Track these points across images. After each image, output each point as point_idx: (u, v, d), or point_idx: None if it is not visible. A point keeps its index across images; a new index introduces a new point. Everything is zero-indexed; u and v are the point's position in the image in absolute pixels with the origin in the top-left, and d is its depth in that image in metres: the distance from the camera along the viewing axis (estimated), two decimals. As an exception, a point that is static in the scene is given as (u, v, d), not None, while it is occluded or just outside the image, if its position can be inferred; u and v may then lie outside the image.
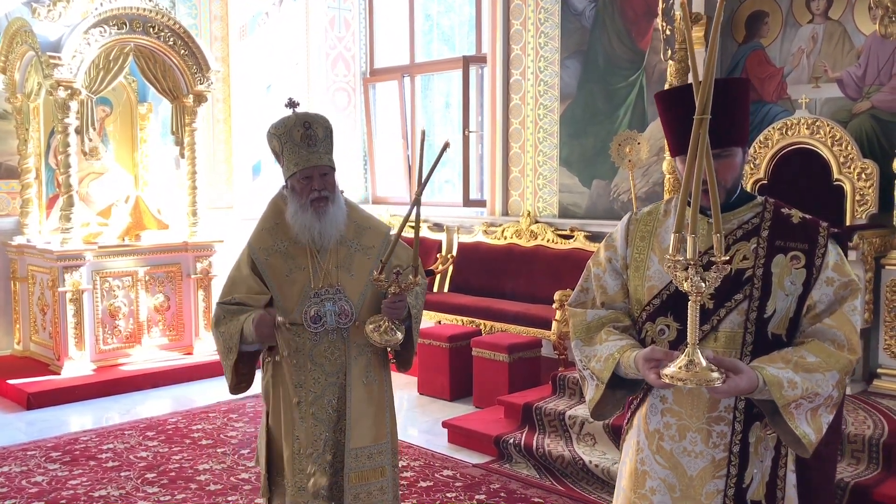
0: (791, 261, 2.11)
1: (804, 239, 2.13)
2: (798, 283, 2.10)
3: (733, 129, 2.11)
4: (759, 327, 2.08)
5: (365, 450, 2.90)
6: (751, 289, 2.10)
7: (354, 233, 2.92)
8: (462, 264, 7.90)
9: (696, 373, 1.81)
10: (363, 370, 2.91)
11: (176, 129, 7.61)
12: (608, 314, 2.28)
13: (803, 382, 1.97)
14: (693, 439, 2.13)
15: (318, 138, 2.80)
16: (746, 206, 2.19)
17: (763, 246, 2.13)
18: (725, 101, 2.06)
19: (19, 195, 7.35)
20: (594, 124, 7.14)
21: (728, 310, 2.09)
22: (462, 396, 6.50)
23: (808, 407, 1.99)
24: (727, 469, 2.10)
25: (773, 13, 5.92)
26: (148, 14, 7.03)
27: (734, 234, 2.15)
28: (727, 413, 2.10)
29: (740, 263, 2.12)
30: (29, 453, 5.27)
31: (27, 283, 7.26)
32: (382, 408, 2.97)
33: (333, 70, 9.45)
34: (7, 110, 7.36)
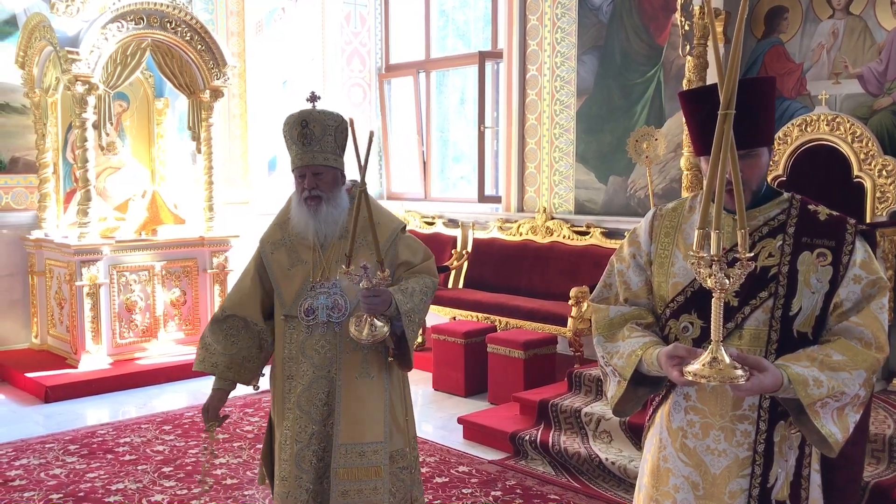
0: (817, 258, 2.08)
1: (831, 236, 2.10)
2: (825, 280, 2.07)
3: (759, 129, 2.09)
4: (784, 325, 2.05)
5: (356, 447, 2.82)
6: (776, 286, 2.07)
7: (363, 228, 2.82)
8: (477, 260, 7.89)
9: (720, 370, 1.80)
10: (357, 366, 2.85)
11: (192, 125, 7.63)
12: (631, 311, 2.26)
13: (829, 381, 1.94)
14: (717, 437, 2.12)
15: (313, 137, 2.79)
16: (772, 203, 2.16)
17: (789, 243, 2.10)
18: (751, 100, 2.03)
19: (37, 189, 7.40)
20: (611, 120, 7.10)
21: (753, 307, 2.07)
22: (477, 393, 6.50)
23: (835, 406, 1.96)
24: (751, 468, 2.08)
25: (792, 8, 5.87)
26: (165, 9, 7.05)
27: (760, 230, 2.13)
28: (751, 412, 2.08)
29: (766, 261, 2.10)
30: (47, 446, 5.30)
31: (45, 277, 7.31)
32: (380, 406, 2.87)
33: (349, 66, 9.45)
34: (25, 105, 7.40)
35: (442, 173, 9.58)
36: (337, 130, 2.82)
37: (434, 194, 9.31)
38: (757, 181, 2.12)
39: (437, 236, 8.40)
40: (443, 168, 9.60)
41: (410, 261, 2.92)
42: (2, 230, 7.42)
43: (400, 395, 2.98)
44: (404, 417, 2.98)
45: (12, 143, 7.43)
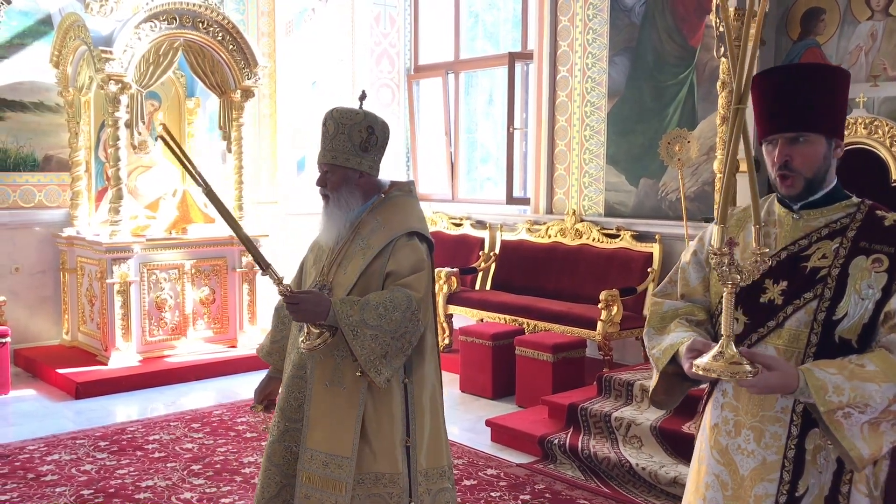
0: (873, 263, 2.00)
1: (892, 242, 2.01)
2: (877, 287, 1.98)
3: (812, 113, 2.02)
4: (826, 329, 1.99)
5: (319, 454, 2.68)
6: (822, 288, 2.01)
7: (371, 231, 2.74)
8: (505, 262, 7.86)
9: (726, 365, 1.82)
10: (329, 372, 2.69)
11: (223, 124, 7.67)
12: (685, 307, 2.26)
13: (852, 390, 1.86)
14: (747, 437, 2.08)
15: (328, 134, 2.74)
16: (838, 205, 2.09)
17: (846, 246, 2.03)
18: (805, 85, 2.02)
19: (69, 187, 7.47)
20: (642, 122, 7.04)
21: (796, 308, 2.02)
22: (504, 395, 6.46)
23: (863, 419, 1.88)
24: (780, 474, 2.02)
25: (830, 10, 5.78)
26: (197, 9, 7.10)
27: (819, 231, 2.07)
28: (783, 414, 2.03)
29: (818, 262, 2.04)
30: (78, 442, 5.34)
31: (76, 274, 7.38)
32: (350, 420, 2.65)
33: (378, 66, 9.46)
34: (59, 104, 7.48)
35: (469, 174, 9.56)
36: (352, 129, 2.71)
37: (461, 195, 9.29)
38: (810, 169, 2.04)
39: (464, 237, 8.38)
40: (470, 169, 9.58)
41: (396, 271, 2.68)
42: (34, 227, 7.50)
43: (392, 414, 2.68)
44: (396, 440, 2.68)
45: (46, 141, 7.51)
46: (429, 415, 2.77)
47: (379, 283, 2.68)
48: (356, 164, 2.75)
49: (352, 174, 2.75)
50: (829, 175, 2.08)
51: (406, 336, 2.62)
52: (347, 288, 2.70)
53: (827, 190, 2.09)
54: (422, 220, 2.84)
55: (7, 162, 7.32)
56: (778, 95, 2.04)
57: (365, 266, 2.69)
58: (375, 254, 2.69)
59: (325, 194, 2.78)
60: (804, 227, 2.09)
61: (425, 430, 2.76)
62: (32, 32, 7.40)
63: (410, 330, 2.63)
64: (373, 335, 2.56)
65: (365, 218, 2.78)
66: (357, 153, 2.74)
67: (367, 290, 2.67)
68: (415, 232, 2.75)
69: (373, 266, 2.69)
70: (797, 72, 2.14)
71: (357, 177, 2.76)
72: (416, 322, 2.63)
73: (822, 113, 2.03)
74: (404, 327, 2.60)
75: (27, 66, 7.37)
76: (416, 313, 2.62)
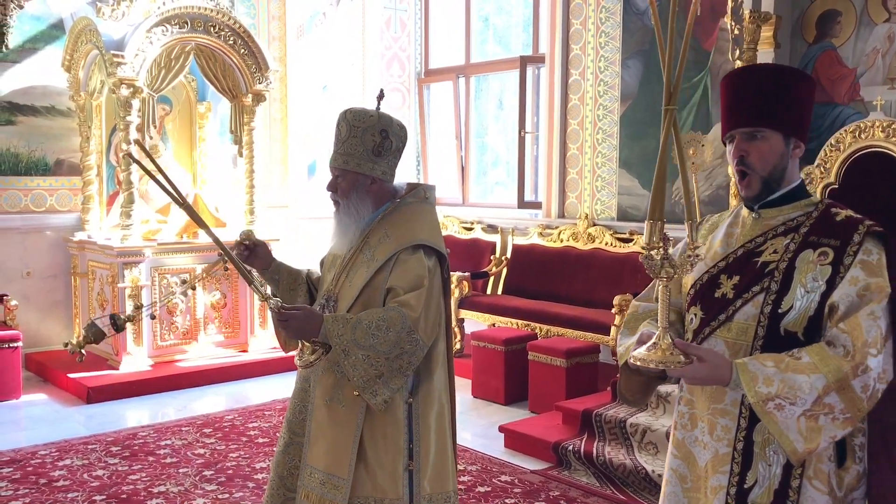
0: (819, 256, 2.00)
1: (838, 235, 2.01)
2: (821, 280, 1.97)
3: (767, 109, 2.05)
4: (772, 322, 2.00)
5: (318, 472, 2.59)
6: (770, 281, 2.02)
7: (378, 241, 2.62)
8: (517, 267, 7.82)
9: (658, 354, 1.87)
10: (329, 389, 2.59)
11: (234, 128, 7.66)
12: (653, 308, 2.28)
13: (781, 382, 1.88)
14: (702, 429, 2.11)
15: (341, 137, 2.62)
16: (797, 204, 2.11)
17: (797, 241, 2.05)
18: (762, 82, 2.06)
19: (81, 192, 7.47)
20: (655, 125, 6.99)
21: (744, 301, 2.05)
22: (517, 400, 6.42)
23: (797, 412, 1.88)
24: (730, 465, 2.05)
25: (846, 12, 5.73)
26: (209, 13, 7.09)
27: (776, 229, 2.10)
28: (733, 407, 2.05)
29: (769, 257, 2.06)
30: (90, 447, 5.32)
31: (87, 278, 7.37)
32: (348, 439, 2.54)
33: (388, 70, 9.44)
34: (70, 108, 7.48)
35: (479, 178, 9.53)
36: (365, 132, 2.58)
37: (472, 199, 9.26)
38: (766, 167, 2.07)
39: (476, 242, 8.34)
40: (480, 173, 9.55)
41: (395, 287, 2.53)
42: (45, 232, 7.50)
43: (394, 436, 2.55)
44: (398, 463, 2.56)
45: (57, 145, 7.51)
46: (434, 436, 2.63)
47: (381, 297, 2.55)
48: (368, 169, 2.61)
49: (363, 180, 2.62)
50: (789, 174, 2.10)
51: (404, 356, 2.47)
52: (350, 301, 2.58)
53: (786, 189, 2.11)
54: (433, 230, 2.67)
55: (19, 166, 7.32)
56: (737, 93, 2.10)
57: (368, 279, 2.57)
58: (378, 266, 2.57)
59: (336, 200, 2.66)
60: (763, 226, 2.12)
61: (430, 452, 2.61)
62: (44, 37, 7.42)
63: (408, 350, 2.47)
64: (365, 356, 2.43)
65: (375, 226, 2.65)
66: (369, 158, 2.60)
67: (369, 304, 2.55)
68: (421, 244, 2.59)
69: (375, 279, 2.57)
70: (756, 70, 2.20)
71: (369, 183, 2.63)
72: (415, 342, 2.48)
73: (778, 110, 2.06)
74: (400, 348, 2.45)
75: (39, 71, 7.38)
76: (411, 333, 2.46)
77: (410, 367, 2.52)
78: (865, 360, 1.88)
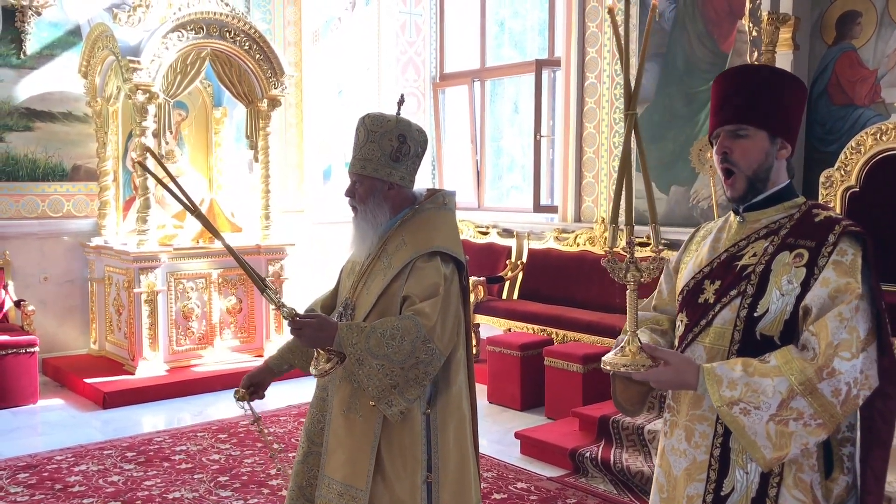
0: (794, 258, 1.95)
1: (815, 236, 1.95)
2: (796, 282, 1.92)
3: (752, 107, 2.03)
4: (748, 326, 1.96)
5: (335, 483, 2.55)
6: (746, 284, 1.99)
7: (395, 248, 2.58)
8: (532, 271, 7.77)
9: (624, 358, 1.89)
10: (346, 399, 2.56)
11: (250, 133, 7.67)
12: (652, 316, 2.29)
13: (746, 385, 1.84)
14: (679, 437, 2.08)
15: (359, 142, 2.60)
16: (780, 206, 2.07)
17: (776, 243, 2.00)
18: (748, 81, 2.05)
19: (97, 197, 7.50)
20: (673, 128, 6.94)
21: (723, 305, 2.02)
22: (533, 406, 6.37)
23: (765, 416, 1.83)
24: (707, 473, 2.00)
25: (866, 13, 5.66)
26: (224, 19, 7.10)
27: (758, 232, 2.06)
28: (710, 413, 2.00)
29: (748, 260, 2.02)
30: (105, 452, 5.33)
31: (104, 283, 7.39)
32: (365, 450, 2.50)
33: (404, 75, 9.43)
34: (87, 114, 7.52)
35: (495, 182, 9.49)
36: (383, 137, 2.55)
37: (487, 203, 9.23)
38: (750, 165, 2.03)
39: (491, 246, 8.31)
40: (496, 177, 9.51)
41: (411, 295, 2.49)
42: (62, 237, 7.54)
43: (411, 448, 2.51)
44: (416, 475, 2.52)
45: (74, 151, 7.55)
46: (454, 447, 2.58)
47: (397, 305, 2.51)
48: (385, 174, 2.57)
49: (380, 185, 2.58)
50: (775, 175, 2.06)
51: (419, 366, 2.42)
52: (367, 309, 2.55)
53: (772, 191, 2.07)
54: (451, 237, 2.61)
55: (36, 172, 7.36)
56: (724, 92, 2.08)
57: (384, 287, 2.53)
58: (395, 274, 2.53)
59: (354, 206, 2.63)
60: (747, 230, 2.09)
61: (450, 464, 2.56)
62: (62, 43, 7.46)
63: (424, 360, 2.42)
64: (379, 365, 2.39)
65: (393, 233, 2.62)
66: (387, 163, 2.56)
67: (386, 312, 2.52)
68: (437, 251, 2.54)
69: (392, 287, 2.53)
70: (742, 71, 2.18)
71: (386, 189, 2.59)
72: (431, 351, 2.42)
73: (763, 108, 2.03)
74: (415, 357, 2.41)
75: (56, 77, 7.42)
76: (427, 342, 2.41)
77: (427, 377, 2.46)
78: (831, 363, 1.82)
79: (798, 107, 2.11)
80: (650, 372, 1.90)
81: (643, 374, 1.91)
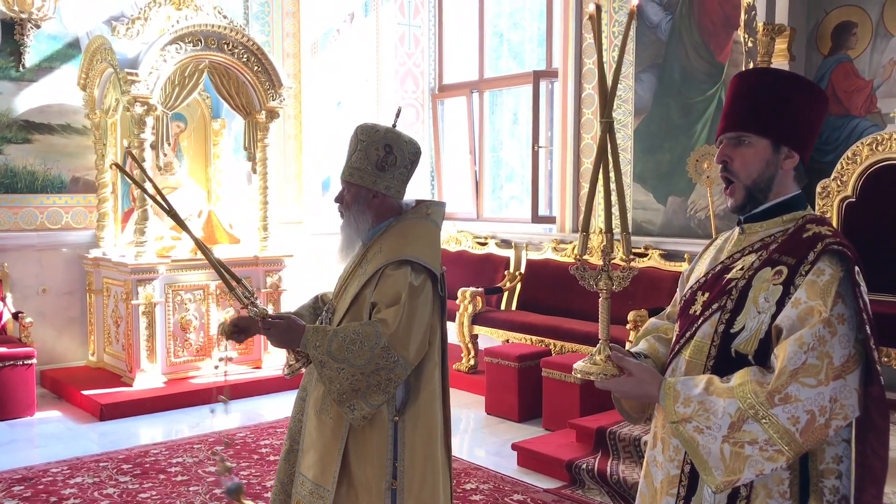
0: (774, 275, 1.88)
1: (797, 253, 1.87)
2: (772, 300, 1.85)
3: (753, 114, 1.96)
4: (724, 342, 1.92)
5: (307, 482, 2.63)
6: (726, 299, 1.94)
7: (373, 255, 2.66)
8: (531, 282, 7.76)
9: (593, 367, 1.92)
10: (319, 399, 2.63)
11: (248, 145, 7.68)
12: (661, 324, 2.29)
13: (699, 404, 1.81)
14: (659, 448, 2.05)
15: (350, 151, 2.70)
16: (779, 219, 1.99)
17: (762, 258, 1.94)
18: (753, 87, 1.99)
19: (96, 209, 7.51)
20: (670, 139, 6.94)
21: (705, 319, 1.98)
22: (531, 417, 6.35)
23: (718, 436, 1.78)
24: (678, 488, 1.97)
25: (861, 24, 5.67)
26: (222, 31, 7.13)
27: (752, 245, 2.00)
28: None
29: (735, 274, 1.98)
30: (101, 465, 5.32)
31: (102, 295, 7.39)
32: (333, 452, 2.56)
33: (402, 86, 9.46)
34: (86, 126, 7.54)
35: (494, 193, 9.50)
36: (370, 146, 2.63)
37: (486, 214, 9.23)
38: (749, 175, 1.97)
39: (489, 257, 8.30)
40: (495, 188, 9.52)
41: (377, 302, 2.55)
42: (61, 249, 7.54)
43: (377, 453, 2.55)
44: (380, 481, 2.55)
45: (73, 163, 7.56)
46: (422, 456, 2.59)
47: (366, 311, 2.58)
48: (370, 182, 2.66)
49: (365, 193, 2.67)
50: (779, 185, 1.99)
51: (380, 372, 2.47)
52: (342, 314, 2.64)
53: (774, 202, 2.00)
54: (426, 247, 2.63)
55: (35, 184, 7.38)
56: (731, 96, 2.04)
57: (356, 292, 2.62)
58: (366, 280, 2.61)
59: (341, 211, 2.74)
60: (745, 242, 2.03)
61: (415, 472, 2.57)
62: (61, 56, 7.49)
63: (385, 366, 2.46)
64: (339, 368, 2.45)
65: (374, 241, 2.70)
66: (372, 172, 2.65)
67: (357, 317, 2.59)
68: (408, 260, 2.57)
69: (363, 293, 2.61)
70: (752, 74, 2.10)
71: (370, 197, 2.67)
72: (392, 358, 2.47)
73: (765, 115, 1.96)
74: (375, 363, 2.45)
75: (55, 89, 7.45)
76: (387, 349, 2.46)
77: (391, 384, 2.51)
78: (784, 389, 1.74)
79: (810, 112, 1.99)
80: (611, 381, 1.90)
81: (604, 383, 1.92)
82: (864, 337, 1.79)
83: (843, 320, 1.79)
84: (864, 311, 1.79)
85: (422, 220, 2.71)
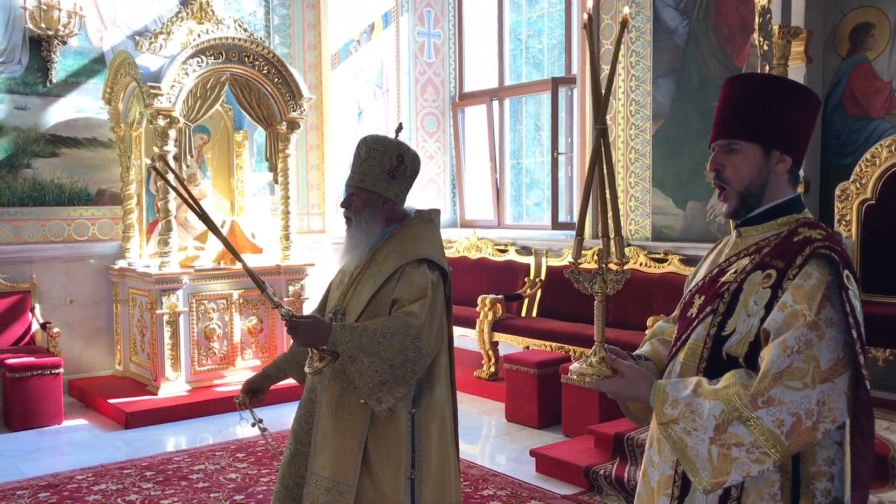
0: (763, 279, 1.88)
1: (785, 256, 1.87)
2: (761, 304, 1.86)
3: (742, 120, 1.97)
4: (715, 345, 1.93)
5: (323, 480, 2.68)
6: (719, 302, 1.95)
7: (384, 256, 2.76)
8: (551, 288, 7.76)
9: (588, 369, 1.95)
10: (335, 398, 2.70)
11: (270, 156, 7.78)
12: (667, 327, 2.29)
13: (686, 406, 1.83)
14: (656, 448, 2.06)
15: (359, 158, 2.79)
16: (773, 223, 1.99)
17: (755, 261, 1.94)
18: (742, 93, 2.00)
19: (121, 220, 7.64)
20: (688, 144, 6.92)
21: (699, 321, 1.99)
22: (550, 424, 6.34)
23: (705, 438, 1.79)
24: (672, 489, 1.98)
25: (880, 24, 5.62)
26: (243, 44, 7.23)
27: (747, 249, 2.01)
28: None
29: (728, 277, 1.98)
30: (125, 472, 5.40)
31: (128, 305, 7.51)
32: (353, 447, 2.64)
33: (423, 95, 9.52)
34: (111, 139, 7.68)
35: (516, 200, 9.51)
36: (383, 155, 2.75)
37: (508, 221, 9.25)
38: (741, 181, 1.98)
39: (510, 264, 8.32)
40: (517, 195, 9.54)
41: (400, 298, 2.66)
42: (88, 260, 7.68)
43: (397, 445, 2.65)
44: (400, 472, 2.65)
45: (99, 175, 7.71)
46: (436, 446, 2.73)
47: (387, 308, 2.69)
48: (382, 189, 2.78)
49: (376, 199, 2.79)
50: (773, 189, 1.99)
51: (407, 364, 2.59)
52: (357, 313, 2.71)
53: (767, 206, 2.00)
54: (435, 248, 2.81)
55: (62, 196, 7.53)
56: (720, 103, 2.05)
57: (374, 291, 2.71)
58: (385, 279, 2.71)
59: (348, 217, 2.82)
60: (741, 245, 2.05)
61: (432, 462, 2.71)
62: (86, 71, 7.64)
63: (411, 358, 2.59)
64: (370, 362, 2.55)
65: (382, 244, 2.80)
66: (385, 179, 2.77)
67: (375, 315, 2.68)
68: (425, 259, 2.73)
69: (382, 291, 2.70)
70: (736, 80, 2.09)
71: (381, 202, 2.80)
72: (418, 350, 2.60)
73: (753, 121, 1.96)
74: (403, 355, 2.57)
75: (81, 104, 7.60)
76: (415, 341, 2.58)
77: (413, 376, 2.62)
78: (768, 392, 1.75)
79: (799, 115, 2.00)
80: (603, 382, 1.94)
81: (596, 385, 1.94)
82: (850, 341, 1.77)
83: (833, 324, 1.78)
84: (851, 315, 1.78)
85: (428, 225, 2.88)
